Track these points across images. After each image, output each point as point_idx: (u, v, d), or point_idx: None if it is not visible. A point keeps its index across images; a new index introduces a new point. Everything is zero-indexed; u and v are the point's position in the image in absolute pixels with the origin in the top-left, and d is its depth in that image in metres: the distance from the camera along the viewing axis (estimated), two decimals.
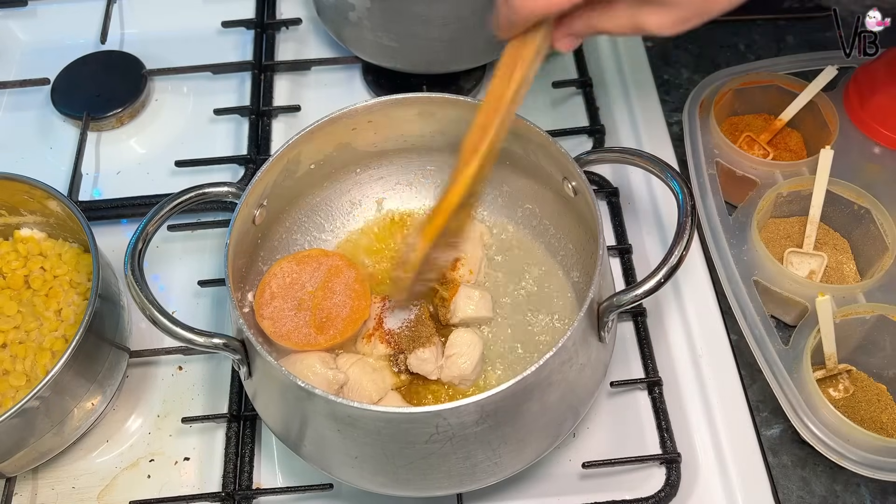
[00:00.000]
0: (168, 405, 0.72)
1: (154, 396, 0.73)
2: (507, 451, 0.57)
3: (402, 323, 0.68)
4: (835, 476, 0.67)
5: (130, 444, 0.70)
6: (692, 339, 0.72)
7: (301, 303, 0.67)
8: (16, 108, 0.93)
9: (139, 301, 0.56)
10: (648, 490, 0.65)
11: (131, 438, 0.71)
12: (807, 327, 0.67)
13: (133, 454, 0.70)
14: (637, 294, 0.56)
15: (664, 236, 0.78)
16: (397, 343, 0.67)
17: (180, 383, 0.73)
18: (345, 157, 0.72)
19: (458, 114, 0.68)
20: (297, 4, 0.98)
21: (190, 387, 0.73)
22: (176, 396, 0.72)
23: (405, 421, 0.53)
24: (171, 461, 0.69)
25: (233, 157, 0.85)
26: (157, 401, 0.72)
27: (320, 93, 0.92)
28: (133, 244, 0.59)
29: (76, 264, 0.72)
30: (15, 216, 0.73)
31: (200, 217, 0.81)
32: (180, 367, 0.74)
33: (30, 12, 1.00)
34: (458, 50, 0.85)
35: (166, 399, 0.72)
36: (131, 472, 0.69)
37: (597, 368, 0.61)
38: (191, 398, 0.72)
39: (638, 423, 0.69)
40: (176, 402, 0.72)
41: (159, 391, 0.73)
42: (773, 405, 0.69)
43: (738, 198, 0.76)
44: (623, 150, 0.63)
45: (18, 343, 0.68)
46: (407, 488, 0.59)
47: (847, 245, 0.76)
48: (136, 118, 0.91)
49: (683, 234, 0.57)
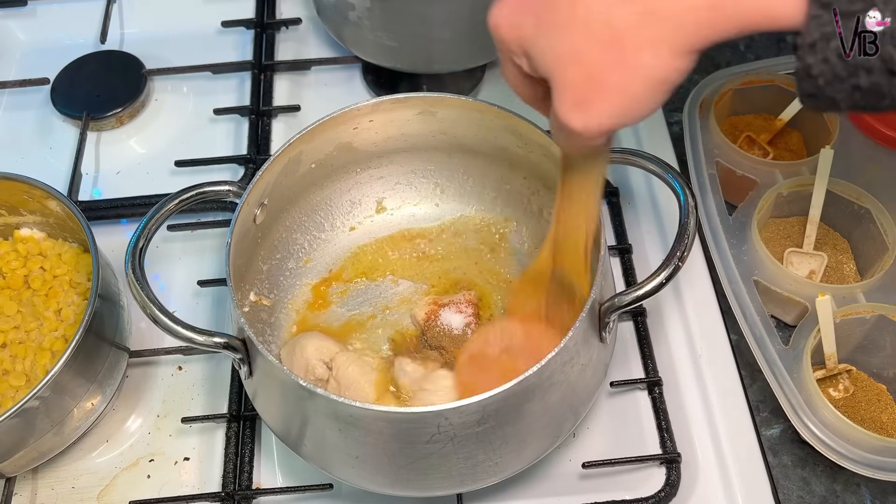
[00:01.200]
0: (168, 405, 0.72)
1: (154, 396, 0.72)
2: (508, 451, 0.57)
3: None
4: (835, 476, 0.67)
5: (130, 444, 0.70)
6: (692, 339, 0.72)
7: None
8: (15, 107, 0.93)
9: (140, 300, 0.56)
10: (648, 490, 0.65)
11: (131, 438, 0.70)
12: (807, 327, 0.67)
13: (133, 454, 0.70)
14: (639, 295, 0.56)
15: (664, 236, 0.79)
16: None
17: (180, 383, 0.73)
18: (345, 156, 0.72)
19: (458, 114, 0.68)
20: (297, 4, 0.98)
21: (190, 387, 0.73)
22: (176, 396, 0.72)
23: (407, 421, 0.53)
24: (170, 461, 0.69)
25: (233, 156, 0.85)
26: (156, 401, 0.72)
27: (320, 93, 0.92)
28: (134, 242, 0.59)
29: (76, 264, 0.72)
30: (15, 216, 0.73)
31: (200, 217, 0.81)
32: (180, 367, 0.74)
33: (29, 12, 1.00)
34: (458, 50, 0.85)
35: (166, 399, 0.72)
36: (131, 472, 0.69)
37: (597, 368, 0.61)
38: (191, 398, 0.72)
39: (638, 423, 0.69)
40: (176, 402, 0.72)
41: (159, 391, 0.73)
42: (773, 405, 0.69)
43: (738, 198, 0.76)
44: (623, 150, 0.63)
45: (18, 343, 0.68)
46: (407, 488, 0.59)
47: (847, 245, 0.76)
48: (135, 118, 0.91)
49: (685, 234, 0.57)
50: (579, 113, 0.45)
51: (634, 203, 0.81)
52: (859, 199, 0.73)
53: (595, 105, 0.44)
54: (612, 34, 0.43)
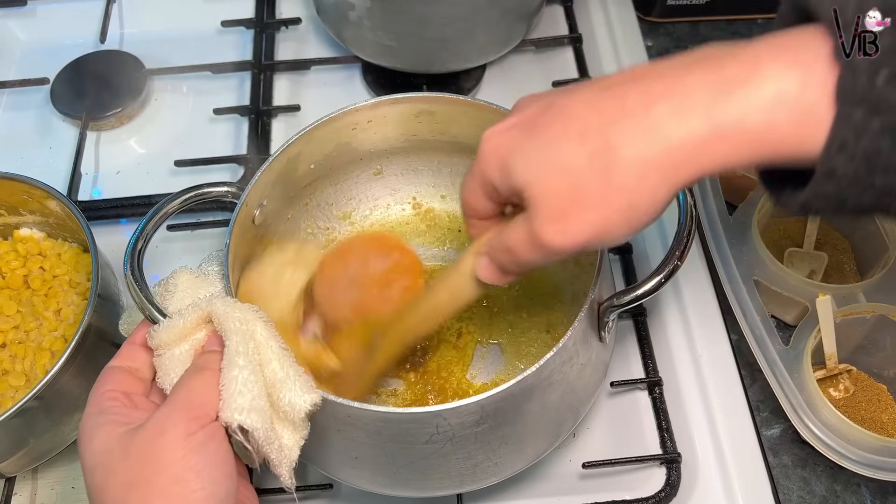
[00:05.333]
0: None
1: None
2: (508, 451, 0.57)
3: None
4: (835, 476, 0.67)
5: None
6: (692, 339, 0.72)
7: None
8: (15, 107, 0.93)
9: (139, 301, 0.56)
10: (648, 490, 0.65)
11: None
12: (807, 327, 0.67)
13: None
14: (638, 294, 0.56)
15: (664, 236, 0.78)
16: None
17: None
18: (344, 156, 0.72)
19: (458, 114, 0.68)
20: (296, 4, 0.98)
21: None
22: None
23: (405, 421, 0.53)
24: None
25: (232, 156, 0.85)
26: None
27: (320, 92, 0.92)
28: (132, 244, 0.58)
29: (75, 264, 0.72)
30: (14, 216, 0.73)
31: (200, 217, 0.81)
32: None
33: (29, 12, 0.99)
34: (458, 50, 0.85)
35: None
36: None
37: (597, 368, 0.61)
38: None
39: (638, 423, 0.69)
40: None
41: None
42: (774, 405, 0.69)
43: (738, 198, 0.76)
44: None
45: (18, 343, 0.68)
46: (407, 488, 0.59)
47: (847, 245, 0.76)
48: (135, 118, 0.91)
49: (684, 234, 0.57)
50: (554, 224, 0.43)
51: None
52: None
53: (571, 219, 0.43)
54: (605, 146, 0.41)
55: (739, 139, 0.39)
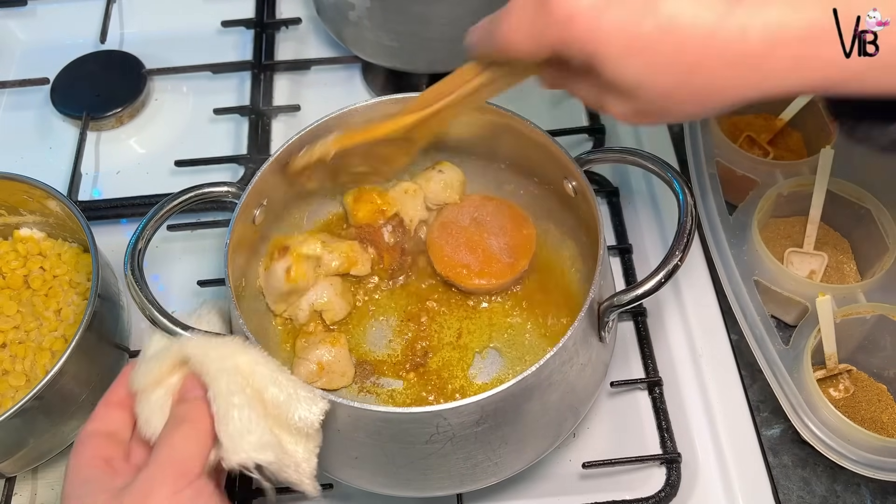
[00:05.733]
0: None
1: None
2: (508, 451, 0.57)
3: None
4: (835, 476, 0.67)
5: None
6: (692, 339, 0.72)
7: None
8: (15, 107, 0.93)
9: (139, 301, 0.56)
10: (648, 490, 0.65)
11: None
12: (807, 327, 0.67)
13: None
14: (637, 294, 0.56)
15: (664, 236, 0.78)
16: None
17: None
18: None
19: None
20: (297, 4, 0.98)
21: None
22: None
23: (405, 421, 0.53)
24: None
25: (232, 156, 0.85)
26: None
27: (320, 92, 0.92)
28: (133, 244, 0.59)
29: (76, 264, 0.72)
30: (14, 216, 0.73)
31: (200, 217, 0.81)
32: None
33: (29, 12, 1.00)
34: (459, 50, 0.84)
35: None
36: None
37: (597, 368, 0.61)
38: None
39: (638, 423, 0.69)
40: None
41: None
42: (774, 405, 0.69)
43: (738, 198, 0.76)
44: (623, 149, 0.63)
45: (18, 343, 0.68)
46: (407, 488, 0.59)
47: (847, 245, 0.76)
48: (135, 118, 0.91)
49: (684, 233, 0.57)
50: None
51: (634, 203, 0.81)
52: (860, 199, 0.73)
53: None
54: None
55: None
